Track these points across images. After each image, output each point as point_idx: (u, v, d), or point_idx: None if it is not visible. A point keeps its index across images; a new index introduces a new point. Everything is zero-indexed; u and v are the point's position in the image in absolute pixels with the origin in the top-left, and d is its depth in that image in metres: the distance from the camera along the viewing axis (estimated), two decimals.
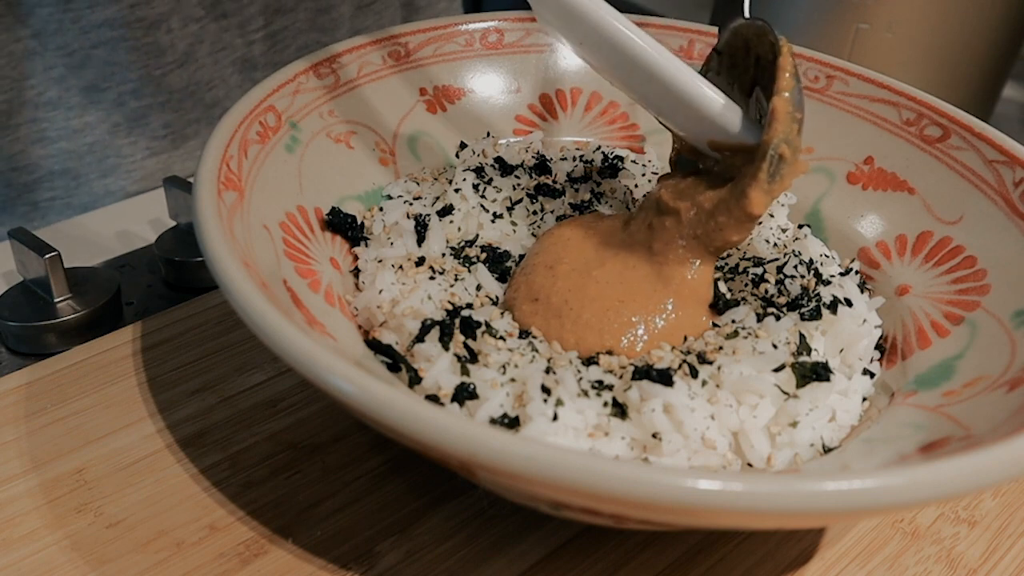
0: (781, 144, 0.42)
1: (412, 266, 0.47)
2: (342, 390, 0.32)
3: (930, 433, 0.39)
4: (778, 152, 0.42)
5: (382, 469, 0.45)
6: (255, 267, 0.39)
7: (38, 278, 0.54)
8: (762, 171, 0.42)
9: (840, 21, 0.77)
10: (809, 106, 0.58)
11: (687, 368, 0.42)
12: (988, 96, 0.84)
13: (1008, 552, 0.44)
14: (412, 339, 0.43)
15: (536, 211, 0.53)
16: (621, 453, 0.39)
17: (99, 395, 0.48)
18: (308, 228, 0.48)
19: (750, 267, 0.50)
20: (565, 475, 0.29)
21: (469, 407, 0.40)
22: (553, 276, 0.47)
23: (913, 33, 0.76)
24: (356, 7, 0.84)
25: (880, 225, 0.53)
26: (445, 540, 0.42)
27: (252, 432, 0.46)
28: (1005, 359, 0.42)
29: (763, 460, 0.41)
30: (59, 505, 0.42)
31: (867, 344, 0.47)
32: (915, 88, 0.55)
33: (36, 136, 0.69)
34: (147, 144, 0.74)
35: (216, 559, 0.40)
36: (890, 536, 0.44)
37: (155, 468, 0.44)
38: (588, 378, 0.41)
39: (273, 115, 0.49)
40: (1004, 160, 0.49)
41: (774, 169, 0.42)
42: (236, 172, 0.44)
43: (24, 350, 0.53)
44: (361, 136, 0.54)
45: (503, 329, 0.44)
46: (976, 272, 0.47)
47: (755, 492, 0.29)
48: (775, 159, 0.42)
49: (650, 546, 0.42)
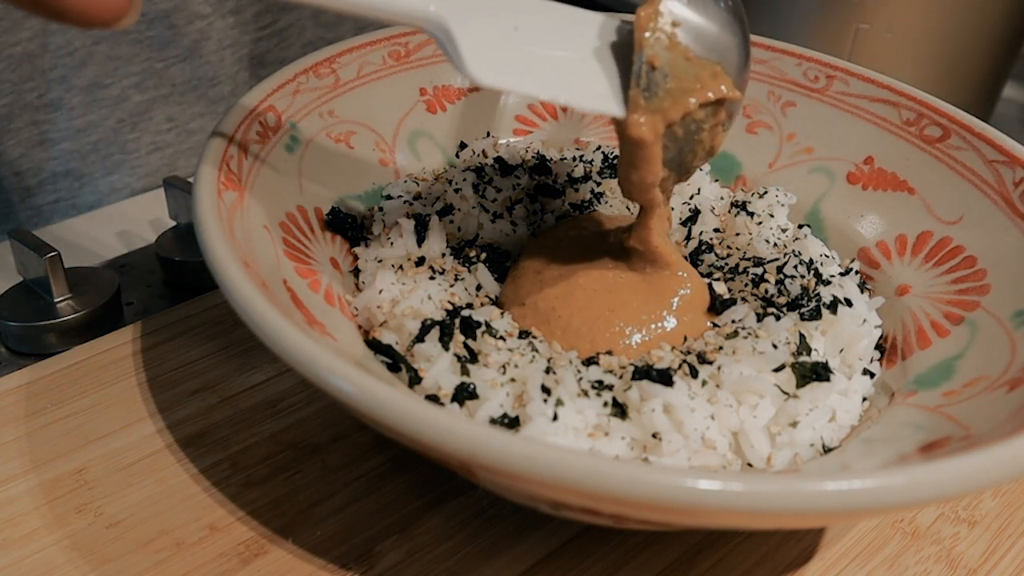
0: (648, 55, 0.39)
1: (412, 266, 0.47)
2: (342, 390, 0.32)
3: (930, 433, 0.39)
4: (646, 63, 0.39)
5: (382, 469, 0.45)
6: (255, 267, 0.39)
7: (38, 278, 0.54)
8: (633, 88, 0.40)
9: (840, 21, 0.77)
10: (809, 106, 0.58)
11: (687, 368, 0.42)
12: (988, 96, 0.84)
13: (1008, 552, 0.44)
14: (412, 339, 0.43)
15: (536, 211, 0.53)
16: (621, 453, 0.39)
17: (99, 395, 0.48)
18: (308, 228, 0.48)
19: (750, 267, 0.50)
20: (565, 475, 0.29)
21: (469, 407, 0.40)
22: (540, 282, 0.47)
23: (913, 33, 0.76)
24: None
25: (880, 225, 0.53)
26: (445, 540, 0.42)
27: (252, 432, 0.46)
28: (1005, 359, 0.42)
29: (763, 460, 0.41)
30: (59, 505, 0.42)
31: (867, 344, 0.47)
32: (915, 88, 0.55)
33: (38, 139, 0.69)
34: (151, 139, 0.74)
35: (216, 559, 0.40)
36: (890, 536, 0.44)
37: (155, 468, 0.44)
38: (588, 378, 0.41)
39: (273, 115, 0.49)
40: (1004, 160, 0.49)
41: (648, 84, 0.40)
42: (236, 172, 0.44)
43: (24, 350, 0.53)
44: (361, 136, 0.54)
45: (503, 329, 0.44)
46: (976, 272, 0.47)
47: (755, 492, 0.29)
48: (647, 72, 0.40)
49: (650, 546, 0.42)
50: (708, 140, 0.42)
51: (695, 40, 0.41)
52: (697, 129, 0.41)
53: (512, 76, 0.39)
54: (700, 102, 0.40)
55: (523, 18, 0.40)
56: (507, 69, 0.39)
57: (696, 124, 0.41)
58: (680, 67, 0.40)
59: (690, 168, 0.44)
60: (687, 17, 0.40)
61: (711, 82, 0.41)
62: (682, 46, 0.40)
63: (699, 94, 0.40)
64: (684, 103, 0.40)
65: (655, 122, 0.40)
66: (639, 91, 0.40)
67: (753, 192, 0.56)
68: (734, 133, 0.59)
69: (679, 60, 0.40)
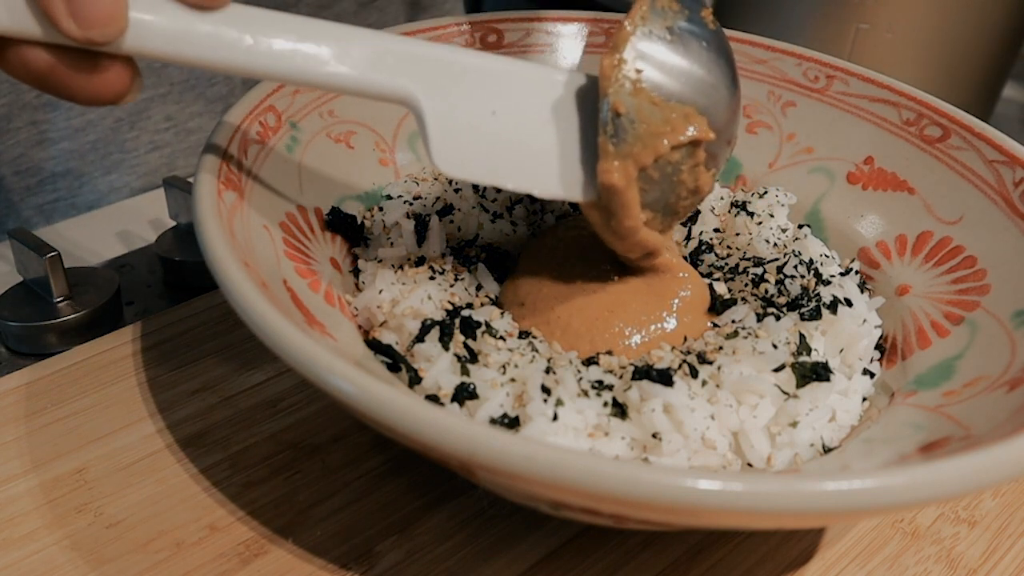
0: (612, 101, 0.40)
1: (412, 266, 0.47)
2: (342, 390, 0.32)
3: (930, 433, 0.39)
4: (611, 109, 0.40)
5: (382, 469, 0.45)
6: (255, 267, 0.39)
7: (38, 278, 0.54)
8: (600, 135, 0.40)
9: (840, 21, 0.77)
10: (809, 106, 0.58)
11: (687, 368, 0.42)
12: (988, 96, 0.84)
13: (1008, 552, 0.44)
14: (412, 339, 0.43)
15: (536, 211, 0.53)
16: (621, 453, 0.39)
17: (99, 395, 0.48)
18: (308, 228, 0.48)
19: (750, 267, 0.50)
20: (565, 475, 0.29)
21: (469, 407, 0.40)
22: (539, 282, 0.47)
23: (913, 33, 0.76)
24: (358, 4, 0.84)
25: (880, 225, 0.53)
26: (445, 540, 0.42)
27: (252, 432, 0.46)
28: (1005, 359, 0.42)
29: (763, 460, 0.41)
30: (59, 505, 0.42)
31: (867, 344, 0.47)
32: (915, 88, 0.55)
33: (37, 138, 0.69)
34: (150, 138, 0.74)
35: (216, 559, 0.40)
36: (890, 536, 0.44)
37: (155, 468, 0.44)
38: (588, 378, 0.41)
39: (273, 115, 0.49)
40: (1004, 160, 0.49)
41: (616, 131, 0.40)
42: (236, 172, 0.44)
43: (24, 350, 0.53)
44: (361, 136, 0.54)
45: (503, 329, 0.44)
46: (976, 272, 0.47)
47: (755, 492, 0.29)
48: (613, 118, 0.40)
49: (650, 546, 0.42)
50: (691, 181, 0.42)
51: (664, 83, 0.41)
52: (675, 171, 0.42)
53: (477, 169, 0.40)
54: (672, 144, 0.41)
55: (501, 100, 0.41)
56: (473, 161, 0.40)
57: (672, 166, 0.41)
58: (646, 111, 0.40)
59: (676, 209, 0.44)
60: (653, 61, 0.41)
61: (682, 124, 0.41)
62: (647, 91, 0.40)
63: (670, 136, 0.41)
64: (655, 146, 0.40)
65: (626, 167, 0.41)
66: (607, 138, 0.40)
67: (753, 192, 0.56)
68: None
69: (644, 104, 0.40)
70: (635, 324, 0.45)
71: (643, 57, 0.41)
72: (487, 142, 0.41)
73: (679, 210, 0.44)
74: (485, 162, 0.40)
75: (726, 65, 0.43)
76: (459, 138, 0.40)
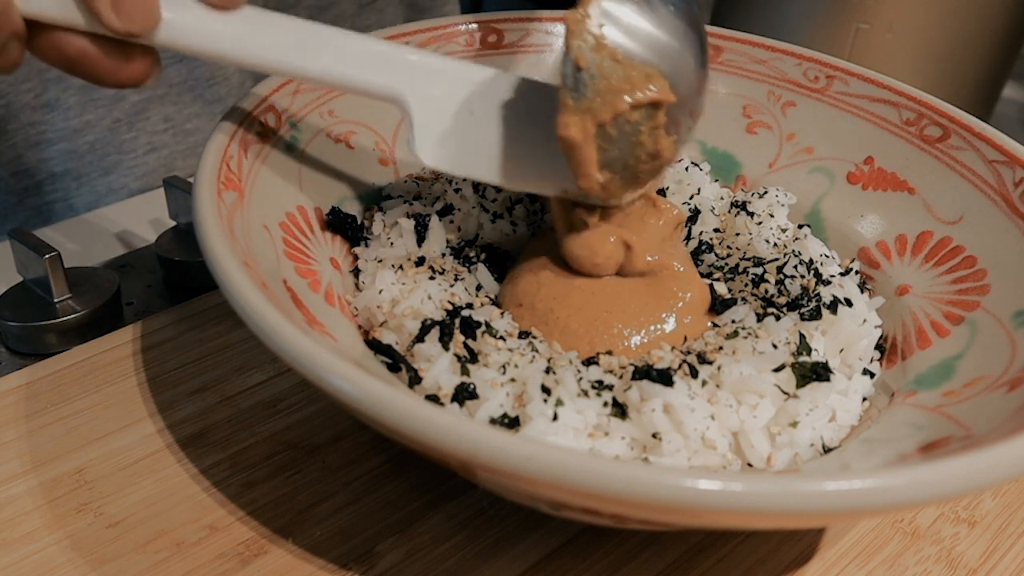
0: (574, 55, 0.40)
1: (412, 266, 0.47)
2: (342, 390, 0.32)
3: (930, 433, 0.39)
4: (572, 63, 0.40)
5: (382, 469, 0.45)
6: (255, 267, 0.39)
7: (38, 278, 0.54)
8: (561, 89, 0.41)
9: (840, 21, 0.77)
10: (809, 106, 0.58)
11: (687, 368, 0.42)
12: (988, 96, 0.84)
13: (1008, 552, 0.44)
14: (412, 339, 0.43)
15: (536, 211, 0.53)
16: (621, 453, 0.39)
17: (99, 395, 0.48)
18: (308, 228, 0.48)
19: (750, 267, 0.50)
20: (565, 475, 0.29)
21: (469, 407, 0.40)
22: (537, 282, 0.47)
23: (913, 33, 0.76)
24: (358, 5, 0.84)
25: (880, 225, 0.53)
26: (445, 540, 0.42)
27: (252, 432, 0.46)
28: (1005, 359, 0.42)
29: (763, 460, 0.41)
30: (59, 505, 0.42)
31: (867, 344, 0.47)
32: (915, 88, 0.55)
33: (35, 139, 0.69)
34: (148, 139, 0.74)
35: (216, 559, 0.40)
36: (890, 536, 0.44)
37: (155, 468, 0.44)
38: (588, 378, 0.41)
39: (273, 115, 0.49)
40: (1004, 160, 0.49)
41: (576, 84, 0.40)
42: (236, 172, 0.44)
43: (24, 350, 0.53)
44: (361, 136, 0.54)
45: (503, 329, 0.44)
46: (976, 272, 0.47)
47: (755, 492, 0.29)
48: (574, 72, 0.40)
49: (650, 546, 0.42)
50: (650, 143, 0.42)
51: (626, 42, 0.41)
52: (634, 131, 0.41)
53: (455, 161, 0.44)
54: (632, 102, 0.41)
55: (479, 102, 0.45)
56: (451, 153, 0.44)
57: (632, 126, 0.41)
58: (607, 67, 0.41)
59: (637, 172, 0.43)
60: (618, 20, 0.41)
61: (643, 83, 0.41)
62: (609, 47, 0.41)
63: (630, 93, 0.41)
64: (614, 103, 0.41)
65: (584, 122, 0.41)
66: (567, 92, 0.41)
67: (753, 192, 0.56)
68: (734, 133, 0.59)
69: (606, 61, 0.40)
70: (634, 325, 0.45)
71: (609, 15, 0.41)
72: (465, 138, 0.45)
73: (639, 173, 0.43)
74: (462, 155, 0.45)
75: (694, 35, 0.43)
76: (440, 133, 0.44)
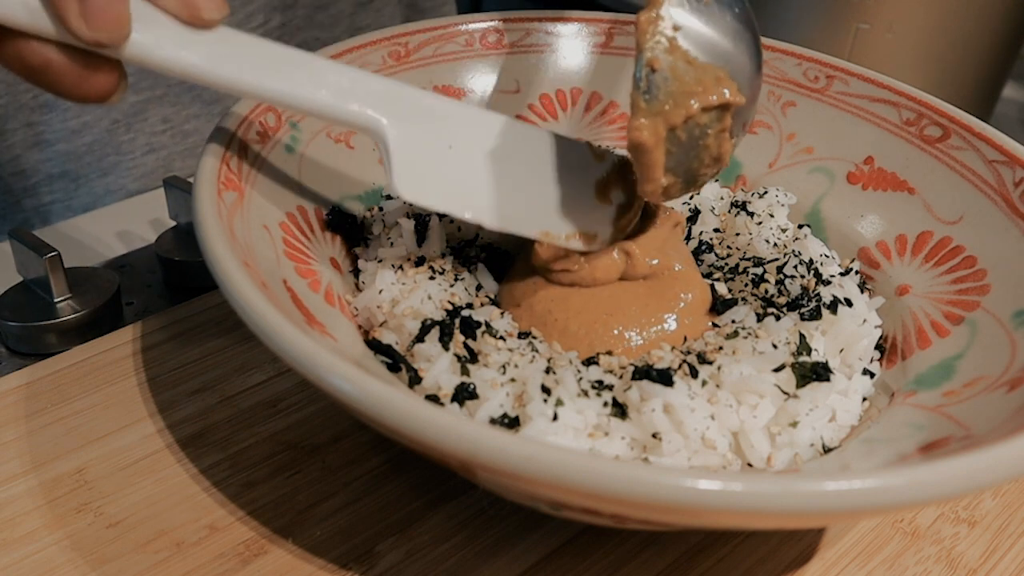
0: (648, 57, 0.40)
1: (412, 266, 0.47)
2: (342, 390, 0.32)
3: (930, 433, 0.39)
4: (647, 65, 0.40)
5: (382, 469, 0.45)
6: (255, 267, 0.39)
7: (38, 278, 0.54)
8: (633, 91, 0.40)
9: (840, 21, 0.77)
10: (809, 106, 0.58)
11: (687, 368, 0.42)
12: (988, 96, 0.84)
13: (1008, 552, 0.44)
14: (412, 339, 0.43)
15: None
16: (621, 453, 0.39)
17: (99, 395, 0.48)
18: (308, 228, 0.48)
19: (750, 267, 0.50)
20: (565, 475, 0.29)
21: (469, 407, 0.40)
22: (534, 283, 0.46)
23: (913, 33, 0.76)
24: (356, 4, 0.84)
25: (880, 225, 0.53)
26: (445, 540, 0.42)
27: (252, 432, 0.46)
28: (1005, 359, 0.42)
29: (763, 460, 0.41)
30: (59, 505, 0.42)
31: (867, 344, 0.47)
32: (915, 88, 0.55)
33: (33, 140, 0.69)
34: (146, 140, 0.74)
35: (216, 559, 0.40)
36: (890, 536, 0.44)
37: (155, 468, 0.44)
38: (588, 378, 0.41)
39: (273, 115, 0.49)
40: (1004, 160, 0.49)
41: (649, 87, 0.40)
42: (236, 172, 0.44)
43: (24, 350, 0.53)
44: (361, 136, 0.54)
45: (503, 329, 0.44)
46: (976, 272, 0.47)
47: (755, 492, 0.29)
48: (648, 75, 0.40)
49: (650, 546, 0.42)
50: (715, 146, 0.42)
51: (697, 44, 0.41)
52: (702, 134, 0.41)
53: (433, 196, 0.43)
54: (703, 105, 0.40)
55: (457, 137, 0.44)
56: (430, 189, 0.43)
57: (700, 129, 0.41)
58: (681, 70, 0.40)
59: (697, 176, 0.43)
60: (689, 22, 0.41)
61: (714, 86, 0.40)
62: (682, 49, 0.40)
63: (701, 97, 0.40)
64: (686, 106, 0.40)
65: (656, 125, 0.40)
66: (639, 94, 0.40)
67: (753, 192, 0.56)
68: None
69: (680, 63, 0.40)
70: (634, 327, 0.45)
71: (677, 17, 0.40)
72: (443, 173, 0.44)
73: (699, 177, 0.44)
74: (440, 191, 0.43)
75: (753, 39, 0.43)
76: (418, 167, 0.43)
